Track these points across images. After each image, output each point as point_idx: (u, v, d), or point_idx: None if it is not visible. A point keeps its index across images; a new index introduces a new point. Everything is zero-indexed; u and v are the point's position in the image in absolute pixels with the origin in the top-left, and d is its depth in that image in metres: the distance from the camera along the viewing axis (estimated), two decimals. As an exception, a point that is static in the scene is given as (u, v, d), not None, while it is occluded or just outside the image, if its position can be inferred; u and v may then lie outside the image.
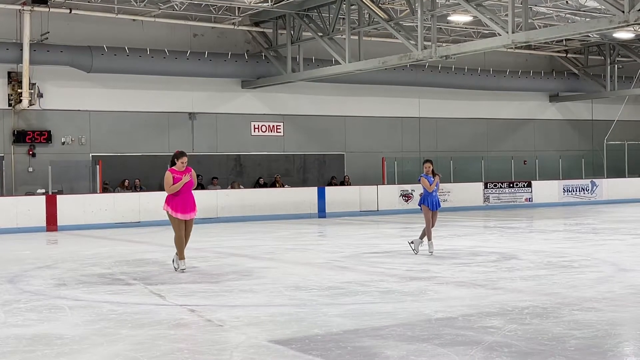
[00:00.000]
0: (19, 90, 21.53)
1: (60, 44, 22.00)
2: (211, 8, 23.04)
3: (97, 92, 23.19)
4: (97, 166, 22.06)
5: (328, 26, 22.31)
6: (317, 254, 13.61)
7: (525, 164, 29.99)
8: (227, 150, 25.27)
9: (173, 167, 11.22)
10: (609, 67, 29.62)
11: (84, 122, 23.09)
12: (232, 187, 24.29)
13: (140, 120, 23.92)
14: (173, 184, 11.03)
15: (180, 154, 11.27)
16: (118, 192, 22.35)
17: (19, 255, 14.27)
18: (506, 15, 19.42)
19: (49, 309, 8.25)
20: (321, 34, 22.47)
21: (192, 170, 11.37)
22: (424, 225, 12.99)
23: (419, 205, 13.26)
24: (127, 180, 22.74)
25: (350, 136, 27.50)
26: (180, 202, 11.08)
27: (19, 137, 22.06)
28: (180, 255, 11.15)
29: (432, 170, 13.18)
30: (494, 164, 29.12)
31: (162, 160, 23.56)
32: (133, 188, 22.84)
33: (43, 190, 21.32)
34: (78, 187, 22.53)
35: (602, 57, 30.09)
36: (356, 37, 22.04)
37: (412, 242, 13.08)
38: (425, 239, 12.96)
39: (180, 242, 11.11)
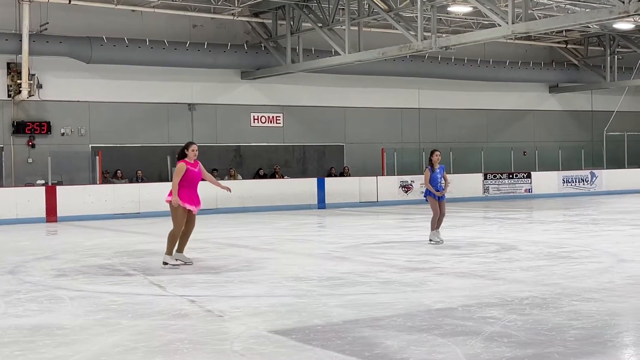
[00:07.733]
0: (18, 81, 21.50)
1: (59, 34, 21.96)
2: (210, -1, 23.00)
3: (97, 83, 23.16)
4: (97, 157, 22.07)
5: (328, 17, 22.27)
6: (316, 245, 13.62)
7: (524, 154, 30.00)
8: (226, 141, 25.26)
9: (185, 159, 10.76)
10: (608, 57, 29.57)
11: (83, 113, 23.07)
12: (229, 175, 24.28)
13: (139, 111, 23.90)
14: (185, 176, 10.64)
15: (190, 144, 10.91)
16: (113, 182, 22.36)
17: (19, 246, 14.28)
18: (506, 5, 19.38)
19: (49, 300, 8.25)
20: (321, 25, 22.43)
21: (200, 163, 11.12)
22: (430, 216, 13.02)
23: (425, 197, 13.22)
24: (118, 171, 22.73)
25: (349, 127, 27.48)
26: (188, 193, 10.71)
27: (19, 128, 22.05)
28: (169, 250, 10.68)
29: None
30: (494, 155, 29.11)
31: (162, 151, 23.62)
32: (135, 179, 22.85)
33: (43, 181, 21.33)
34: (78, 178, 22.53)
35: (602, 48, 30.04)
36: (356, 28, 22.00)
37: (430, 240, 12.99)
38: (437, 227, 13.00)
39: (176, 238, 10.67)
